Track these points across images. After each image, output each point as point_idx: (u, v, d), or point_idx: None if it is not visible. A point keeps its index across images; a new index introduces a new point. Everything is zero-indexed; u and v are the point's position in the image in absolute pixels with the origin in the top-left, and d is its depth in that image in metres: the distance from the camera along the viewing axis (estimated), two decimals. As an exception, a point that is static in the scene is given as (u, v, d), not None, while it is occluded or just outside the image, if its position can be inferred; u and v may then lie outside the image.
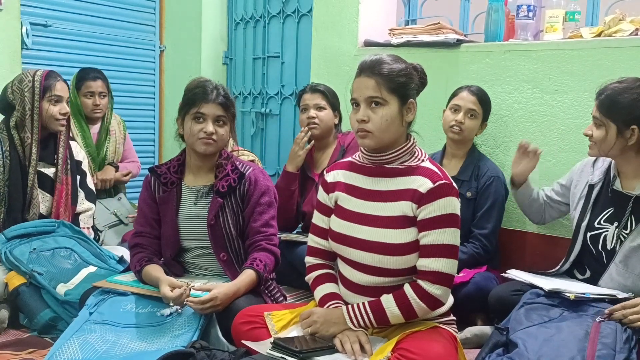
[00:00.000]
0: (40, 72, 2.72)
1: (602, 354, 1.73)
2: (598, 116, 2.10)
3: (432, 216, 1.76)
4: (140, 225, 2.31)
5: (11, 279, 2.44)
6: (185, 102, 2.22)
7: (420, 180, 1.80)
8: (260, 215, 2.25)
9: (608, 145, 2.09)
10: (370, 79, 1.79)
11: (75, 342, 1.96)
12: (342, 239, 1.89)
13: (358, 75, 1.84)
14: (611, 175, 2.20)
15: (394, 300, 1.78)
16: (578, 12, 2.84)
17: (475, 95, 2.75)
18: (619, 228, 2.10)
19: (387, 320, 1.79)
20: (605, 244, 2.12)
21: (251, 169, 2.29)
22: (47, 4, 3.83)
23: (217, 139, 2.19)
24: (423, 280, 1.77)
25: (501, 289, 2.30)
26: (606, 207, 2.17)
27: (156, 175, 2.30)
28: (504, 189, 2.74)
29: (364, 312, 1.79)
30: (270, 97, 4.25)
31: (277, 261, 2.27)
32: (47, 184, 2.74)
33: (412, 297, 1.77)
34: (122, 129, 3.51)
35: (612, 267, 2.09)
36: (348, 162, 1.98)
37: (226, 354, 1.84)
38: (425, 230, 1.77)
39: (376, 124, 1.79)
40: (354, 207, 1.88)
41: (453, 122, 2.73)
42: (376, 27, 3.46)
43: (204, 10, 4.37)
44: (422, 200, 1.77)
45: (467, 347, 2.24)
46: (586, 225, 2.19)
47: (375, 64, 1.80)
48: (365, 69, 1.82)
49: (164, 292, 2.05)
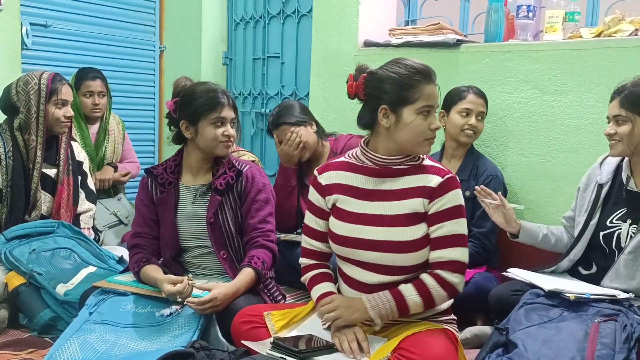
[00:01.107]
0: (47, 75, 2.72)
1: (601, 354, 1.73)
2: (623, 113, 2.10)
3: (445, 208, 1.80)
4: (138, 226, 2.31)
5: (11, 279, 2.44)
6: (202, 108, 2.20)
7: (428, 177, 1.83)
8: (257, 212, 2.26)
9: (636, 139, 2.10)
10: (437, 88, 1.84)
11: (75, 342, 1.96)
12: (348, 242, 1.88)
13: (430, 81, 1.81)
14: (623, 176, 2.20)
15: (414, 289, 1.79)
16: (578, 12, 2.84)
17: (482, 98, 2.79)
18: (632, 225, 2.11)
19: (408, 309, 1.79)
20: (620, 242, 2.13)
21: (248, 166, 2.31)
22: (47, 4, 3.83)
23: (233, 140, 2.27)
24: (442, 270, 1.80)
25: (501, 289, 2.30)
26: (619, 207, 2.18)
27: (153, 176, 2.30)
28: (502, 187, 2.75)
29: (386, 301, 1.78)
30: (270, 97, 4.24)
31: (274, 257, 2.27)
32: (48, 184, 2.75)
33: (432, 285, 1.79)
34: (121, 129, 3.51)
35: (621, 259, 2.09)
36: (343, 162, 1.96)
37: (226, 354, 1.84)
38: (439, 223, 1.80)
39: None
40: (356, 209, 1.88)
41: (466, 126, 2.75)
42: (376, 28, 3.46)
43: (204, 10, 4.37)
44: (434, 195, 1.80)
45: (467, 347, 2.24)
46: (596, 224, 2.19)
47: (433, 73, 1.84)
48: (434, 77, 1.83)
49: (167, 288, 2.04)
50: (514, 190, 2.93)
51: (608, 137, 2.17)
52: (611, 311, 1.90)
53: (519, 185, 2.93)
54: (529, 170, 2.90)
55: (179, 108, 2.25)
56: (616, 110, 2.13)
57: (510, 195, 2.89)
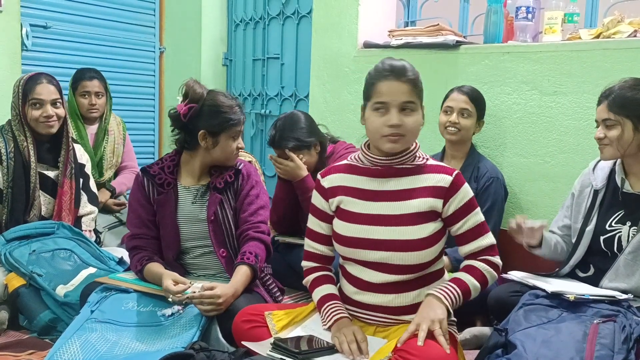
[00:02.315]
0: (26, 76, 2.72)
1: (600, 355, 1.74)
2: (611, 117, 2.10)
3: (463, 204, 1.84)
4: (136, 227, 2.29)
5: (11, 280, 2.44)
6: (229, 123, 2.23)
7: (435, 177, 1.85)
8: (249, 205, 2.28)
9: (626, 142, 2.10)
10: (404, 84, 1.79)
11: (76, 342, 1.96)
12: (353, 242, 1.88)
13: (386, 78, 1.80)
14: (618, 179, 2.20)
15: (469, 275, 1.84)
16: (577, 13, 2.85)
17: (465, 94, 2.77)
18: (632, 227, 2.11)
19: (470, 293, 1.83)
20: (621, 244, 2.12)
21: (243, 164, 2.34)
22: (47, 5, 3.84)
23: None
24: (485, 256, 1.87)
25: (500, 290, 2.30)
26: (616, 209, 2.17)
27: (149, 175, 2.29)
28: (503, 189, 2.75)
29: (452, 289, 1.80)
30: (270, 98, 4.25)
31: (268, 249, 2.27)
32: (48, 186, 2.74)
33: (485, 268, 1.85)
34: (121, 129, 3.50)
35: (621, 259, 2.09)
36: (345, 165, 1.97)
37: (226, 354, 1.84)
38: (463, 218, 1.85)
39: (409, 129, 1.81)
40: (361, 210, 1.89)
41: (447, 123, 2.75)
42: (376, 29, 3.47)
43: (204, 11, 4.38)
44: (449, 194, 1.83)
45: (466, 348, 2.24)
46: (593, 230, 2.19)
47: (404, 69, 1.81)
48: (396, 73, 1.80)
49: (167, 284, 2.05)
50: (513, 191, 2.93)
51: (598, 141, 2.17)
52: (610, 312, 1.91)
53: (518, 186, 2.93)
54: (528, 171, 2.90)
55: (200, 117, 2.21)
56: (605, 114, 2.12)
57: (510, 196, 2.90)
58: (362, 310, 1.90)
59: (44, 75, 2.74)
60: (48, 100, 2.69)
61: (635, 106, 2.08)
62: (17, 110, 2.68)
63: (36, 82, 2.69)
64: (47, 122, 2.69)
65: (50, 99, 2.69)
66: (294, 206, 2.76)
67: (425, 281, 1.89)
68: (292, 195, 2.73)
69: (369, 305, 1.88)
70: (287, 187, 2.73)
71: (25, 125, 2.68)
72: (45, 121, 2.68)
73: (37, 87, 2.68)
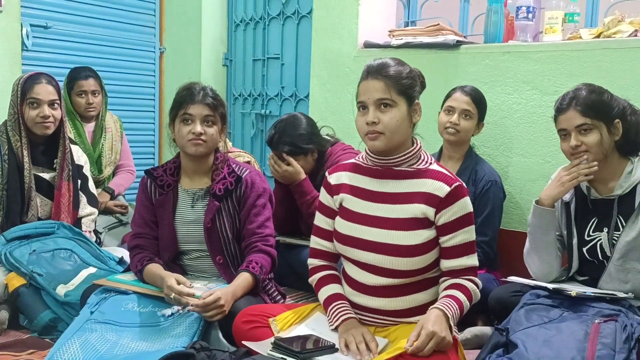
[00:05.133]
0: (25, 76, 2.71)
1: (601, 354, 1.73)
2: (587, 121, 2.05)
3: (456, 218, 1.81)
4: (138, 227, 2.31)
5: (11, 280, 2.43)
6: (173, 106, 2.23)
7: (434, 184, 1.82)
8: (256, 217, 2.25)
9: (606, 146, 2.07)
10: (379, 82, 1.80)
11: (76, 342, 1.96)
12: (349, 241, 1.89)
13: (364, 78, 1.84)
14: (583, 187, 2.17)
15: (462, 293, 1.81)
16: (577, 13, 2.85)
17: (468, 95, 2.74)
18: (609, 232, 2.10)
19: (463, 312, 1.81)
20: (604, 251, 2.11)
21: (248, 171, 2.29)
22: (47, 5, 3.84)
23: (206, 139, 2.18)
24: (467, 275, 1.84)
25: (501, 290, 2.30)
26: (590, 218, 2.15)
27: (152, 177, 2.30)
28: (501, 192, 2.74)
29: (456, 308, 1.77)
30: (270, 98, 4.25)
31: (274, 262, 2.26)
32: (43, 188, 2.73)
33: (472, 288, 1.84)
34: (118, 127, 3.49)
35: (611, 267, 2.08)
36: (352, 163, 1.98)
37: (226, 354, 1.84)
38: (452, 232, 1.82)
39: (386, 125, 1.80)
40: (360, 209, 1.89)
41: (448, 123, 2.73)
42: (376, 29, 3.47)
43: (204, 12, 4.37)
44: (442, 204, 1.80)
45: (467, 347, 2.24)
46: (577, 242, 2.17)
47: (382, 66, 1.82)
48: (372, 72, 1.82)
49: (171, 283, 2.04)
50: (513, 191, 2.93)
51: (571, 150, 2.08)
52: (611, 311, 1.91)
53: (518, 186, 2.93)
54: (529, 171, 2.90)
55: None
56: (579, 120, 2.05)
57: (510, 196, 2.90)
58: (359, 311, 1.90)
59: (44, 75, 2.73)
60: (46, 100, 2.67)
61: (608, 109, 2.06)
62: (15, 109, 2.66)
63: (35, 82, 2.68)
64: (43, 122, 2.66)
65: (48, 100, 2.67)
66: (293, 208, 2.76)
67: (420, 287, 1.87)
68: (290, 197, 2.73)
69: (365, 307, 1.89)
70: (285, 189, 2.74)
71: (22, 125, 2.67)
72: (42, 122, 2.66)
73: (35, 87, 2.67)
